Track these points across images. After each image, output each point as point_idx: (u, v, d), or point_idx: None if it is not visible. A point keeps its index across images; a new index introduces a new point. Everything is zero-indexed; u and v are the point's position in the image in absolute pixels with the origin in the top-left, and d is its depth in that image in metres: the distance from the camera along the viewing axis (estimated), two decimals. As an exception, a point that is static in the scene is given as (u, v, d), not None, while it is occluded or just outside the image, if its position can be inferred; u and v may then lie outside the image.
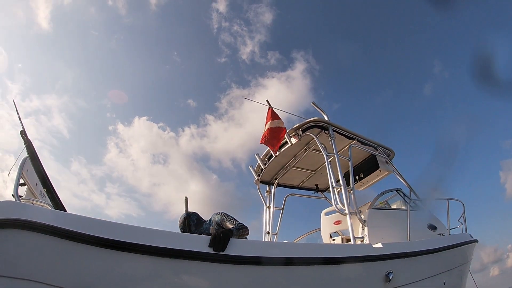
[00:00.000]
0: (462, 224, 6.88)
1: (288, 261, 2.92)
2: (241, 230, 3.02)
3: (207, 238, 2.59)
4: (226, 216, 3.31)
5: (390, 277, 3.69)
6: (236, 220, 3.22)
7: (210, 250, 2.53)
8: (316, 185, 7.41)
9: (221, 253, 2.56)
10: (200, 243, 2.54)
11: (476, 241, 6.91)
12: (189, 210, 3.63)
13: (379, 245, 3.91)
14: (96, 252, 2.18)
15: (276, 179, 6.62)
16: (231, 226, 3.07)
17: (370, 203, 5.09)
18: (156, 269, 2.36)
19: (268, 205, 6.56)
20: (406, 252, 4.19)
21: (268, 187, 6.71)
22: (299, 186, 7.33)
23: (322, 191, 7.58)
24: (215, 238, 2.57)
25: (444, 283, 5.17)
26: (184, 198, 3.64)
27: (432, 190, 6.19)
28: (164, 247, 2.36)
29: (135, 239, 2.30)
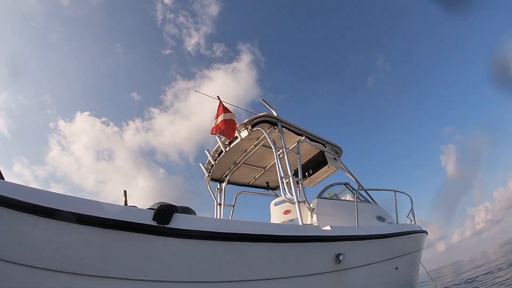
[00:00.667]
0: (411, 220, 7.32)
1: (236, 237, 2.92)
2: (186, 209, 3.02)
3: (151, 212, 2.58)
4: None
5: (341, 258, 3.80)
6: None
7: (154, 223, 2.53)
8: (267, 183, 7.50)
9: (165, 226, 2.56)
10: (144, 215, 2.51)
11: (426, 232, 7.33)
12: (131, 204, 3.53)
13: (327, 227, 4.01)
14: (36, 221, 2.11)
15: (226, 176, 6.64)
16: None
17: (318, 194, 5.26)
18: (99, 240, 2.32)
19: (219, 202, 6.56)
20: (355, 235, 4.35)
21: (219, 185, 6.71)
22: (250, 184, 7.39)
23: (273, 189, 7.70)
24: (160, 211, 2.57)
25: (396, 268, 5.43)
26: (123, 192, 3.54)
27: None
28: (108, 218, 2.33)
29: (78, 210, 2.25)
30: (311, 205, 4.83)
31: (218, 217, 6.41)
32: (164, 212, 2.58)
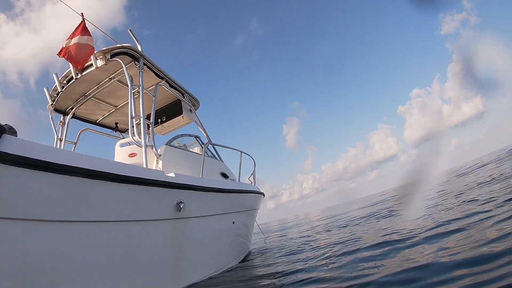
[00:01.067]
0: (251, 182, 8.01)
1: (70, 170, 2.66)
2: (12, 130, 2.61)
3: None
4: None
5: (181, 206, 3.91)
6: None
7: None
8: (116, 123, 7.10)
9: None
10: None
11: (263, 194, 8.11)
12: None
13: (172, 174, 4.04)
14: None
15: (72, 109, 5.98)
16: None
17: (167, 142, 5.24)
18: None
19: (60, 137, 5.89)
20: (198, 186, 4.48)
21: (62, 117, 6.00)
22: (97, 122, 6.86)
23: (121, 131, 7.35)
24: None
25: (233, 223, 5.89)
26: None
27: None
28: None
29: None
30: (158, 151, 4.82)
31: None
32: None
